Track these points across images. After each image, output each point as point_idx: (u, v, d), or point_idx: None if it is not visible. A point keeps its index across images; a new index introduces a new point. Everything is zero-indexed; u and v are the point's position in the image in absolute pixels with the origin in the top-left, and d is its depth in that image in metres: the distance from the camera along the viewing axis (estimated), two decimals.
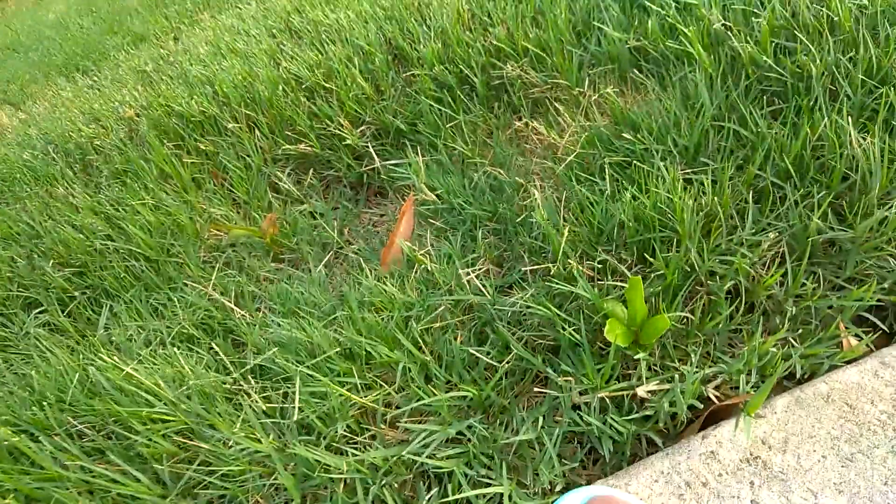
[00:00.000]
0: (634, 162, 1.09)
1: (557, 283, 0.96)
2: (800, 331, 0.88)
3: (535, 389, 0.93)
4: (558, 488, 0.83)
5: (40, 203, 1.78)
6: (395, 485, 0.86)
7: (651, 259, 0.94)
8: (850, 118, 0.95)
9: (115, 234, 1.57)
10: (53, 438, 1.07)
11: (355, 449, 0.90)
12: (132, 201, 1.61)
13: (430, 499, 0.83)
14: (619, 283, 0.94)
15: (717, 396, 0.85)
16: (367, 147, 1.57)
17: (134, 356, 1.19)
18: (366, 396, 0.94)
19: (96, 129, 2.01)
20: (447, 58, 1.63)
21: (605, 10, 1.51)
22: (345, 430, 0.93)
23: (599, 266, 0.98)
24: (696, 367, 0.86)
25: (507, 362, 0.94)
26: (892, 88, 0.97)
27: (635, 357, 0.86)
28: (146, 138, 1.81)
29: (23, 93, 3.02)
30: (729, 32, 1.24)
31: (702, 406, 0.85)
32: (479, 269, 1.12)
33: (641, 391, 0.85)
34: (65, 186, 1.81)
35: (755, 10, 1.27)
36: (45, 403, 1.13)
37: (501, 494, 0.82)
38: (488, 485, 0.83)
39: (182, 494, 0.94)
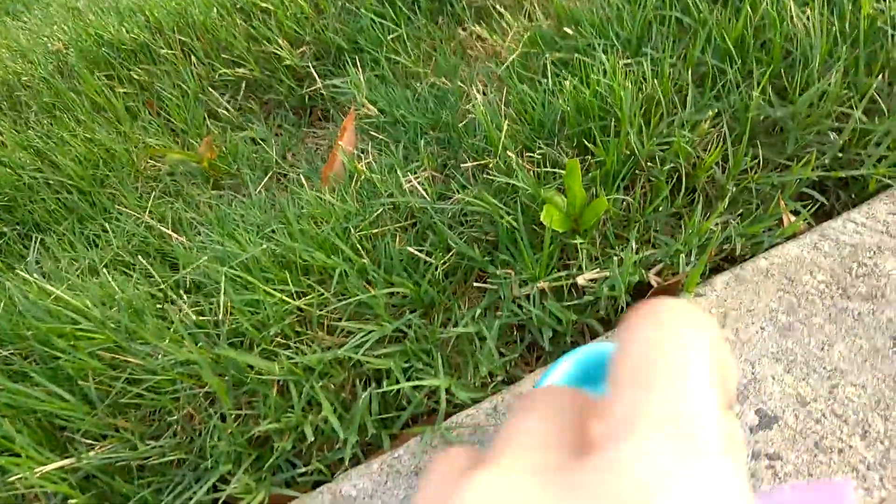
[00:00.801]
0: (576, 56, 1.05)
1: (496, 176, 0.92)
2: (741, 211, 0.86)
3: (476, 285, 0.90)
4: (499, 379, 0.81)
5: None
6: (332, 386, 0.84)
7: (592, 147, 0.90)
8: None
9: (45, 168, 1.49)
10: None
11: (290, 353, 0.87)
12: (62, 133, 1.52)
13: (366, 397, 0.80)
14: (559, 172, 0.91)
15: (658, 282, 0.83)
16: (308, 67, 1.50)
17: (63, 282, 1.14)
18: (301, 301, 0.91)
19: (24, 64, 1.90)
20: None
21: None
22: (280, 337, 0.90)
23: (539, 158, 0.95)
24: (636, 251, 0.84)
25: (447, 261, 0.91)
26: None
27: (574, 242, 0.84)
28: (75, 69, 1.71)
29: None
30: None
31: (643, 292, 0.83)
32: (422, 176, 1.08)
33: (581, 279, 0.83)
34: None
35: None
36: None
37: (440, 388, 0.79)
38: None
39: (111, 412, 0.90)
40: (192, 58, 1.62)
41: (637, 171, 0.90)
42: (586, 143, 0.92)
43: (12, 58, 1.97)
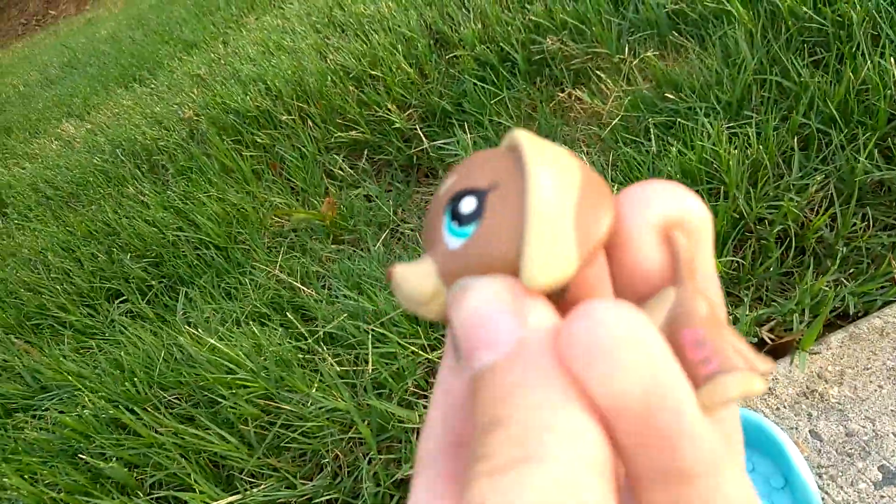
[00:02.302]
0: (678, 120, 1.12)
1: None
2: (851, 270, 0.89)
3: None
4: None
5: (114, 202, 1.90)
6: None
7: None
8: (892, 60, 0.96)
9: (185, 226, 1.67)
10: (146, 410, 1.16)
11: (426, 403, 0.96)
12: (199, 194, 1.71)
13: None
14: None
15: (770, 338, 0.88)
16: (415, 129, 1.63)
17: (213, 333, 1.28)
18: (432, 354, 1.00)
19: (159, 130, 2.13)
20: (487, 37, 1.68)
21: None
22: (414, 386, 0.99)
23: None
24: (749, 309, 0.89)
25: None
26: None
27: None
28: (206, 135, 1.91)
29: (86, 104, 3.20)
30: None
31: (757, 348, 0.88)
32: None
33: None
34: (135, 186, 1.93)
35: None
36: (135, 380, 1.23)
37: None
38: None
39: (266, 453, 1.02)
40: (310, 122, 1.79)
41: (746, 233, 0.95)
42: None
43: (148, 124, 2.21)
